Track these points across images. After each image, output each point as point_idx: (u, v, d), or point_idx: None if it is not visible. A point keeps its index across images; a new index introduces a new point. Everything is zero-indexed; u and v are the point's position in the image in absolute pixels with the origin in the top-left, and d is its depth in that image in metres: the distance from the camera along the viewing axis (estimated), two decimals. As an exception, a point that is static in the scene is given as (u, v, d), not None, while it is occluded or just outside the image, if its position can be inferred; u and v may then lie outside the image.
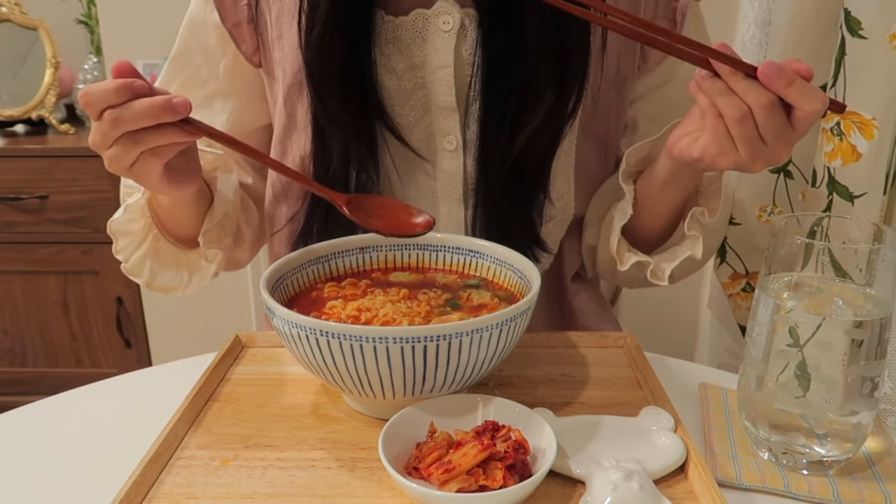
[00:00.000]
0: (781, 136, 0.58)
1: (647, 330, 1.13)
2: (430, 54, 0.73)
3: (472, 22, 0.73)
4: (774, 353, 0.55)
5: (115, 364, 1.92)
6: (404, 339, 0.51)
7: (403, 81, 0.75)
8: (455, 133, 0.76)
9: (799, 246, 0.55)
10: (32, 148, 1.79)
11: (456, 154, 0.76)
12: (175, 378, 0.68)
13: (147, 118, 0.56)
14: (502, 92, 0.72)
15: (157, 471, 0.54)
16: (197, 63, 0.81)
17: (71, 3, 1.92)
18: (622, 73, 0.78)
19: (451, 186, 0.78)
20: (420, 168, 0.78)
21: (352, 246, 0.71)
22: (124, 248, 0.79)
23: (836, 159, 0.71)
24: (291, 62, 0.76)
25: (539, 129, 0.72)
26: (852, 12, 0.67)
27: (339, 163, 0.75)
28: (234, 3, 0.77)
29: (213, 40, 0.79)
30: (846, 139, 0.70)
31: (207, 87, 0.81)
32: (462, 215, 0.79)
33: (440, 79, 0.74)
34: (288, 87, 0.77)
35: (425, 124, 0.76)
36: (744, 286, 0.90)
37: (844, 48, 0.69)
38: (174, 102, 0.56)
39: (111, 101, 0.56)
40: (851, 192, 0.71)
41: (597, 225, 0.83)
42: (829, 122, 0.71)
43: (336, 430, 0.60)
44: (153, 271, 0.80)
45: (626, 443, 0.56)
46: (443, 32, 0.73)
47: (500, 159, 0.73)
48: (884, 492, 0.54)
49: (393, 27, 0.73)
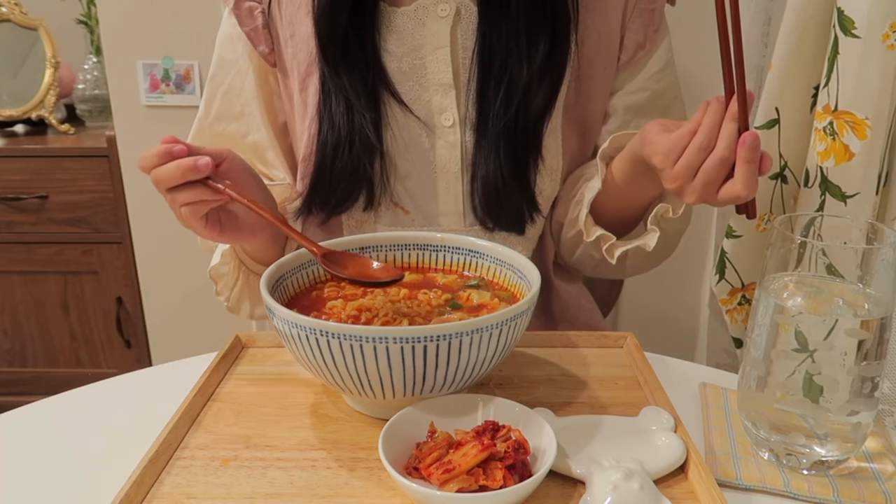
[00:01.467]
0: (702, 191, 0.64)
1: (647, 330, 1.13)
2: (427, 37, 0.80)
3: (467, 10, 0.80)
4: (778, 354, 0.55)
5: (115, 364, 1.92)
6: (404, 339, 0.51)
7: (403, 63, 0.81)
8: (452, 109, 0.81)
9: (796, 246, 0.55)
10: (32, 148, 1.79)
11: (453, 130, 0.81)
12: (175, 378, 0.69)
13: (175, 177, 0.64)
14: (496, 66, 0.78)
15: (157, 471, 0.54)
16: (231, 75, 0.87)
17: (71, 3, 1.92)
18: (603, 61, 0.83)
19: (450, 161, 0.82)
20: (419, 144, 0.82)
21: (352, 246, 0.71)
22: (223, 290, 0.87)
23: (828, 159, 0.71)
24: (305, 54, 0.82)
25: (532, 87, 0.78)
26: (845, 11, 0.67)
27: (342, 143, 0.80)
28: (251, 11, 0.85)
29: (241, 50, 0.86)
30: (839, 139, 0.70)
31: (243, 95, 0.87)
32: (460, 189, 0.83)
33: (438, 58, 0.80)
34: (303, 77, 0.83)
35: (423, 102, 0.81)
36: (739, 300, 0.90)
37: (837, 47, 0.68)
38: (198, 164, 0.64)
39: (154, 163, 0.65)
40: (844, 191, 0.70)
41: (567, 202, 0.87)
42: (821, 121, 0.71)
43: (336, 430, 0.60)
44: (252, 305, 0.88)
45: (626, 443, 0.56)
46: (440, 18, 0.80)
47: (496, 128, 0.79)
48: (884, 492, 0.55)
49: (395, 16, 0.80)
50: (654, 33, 0.84)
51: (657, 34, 0.84)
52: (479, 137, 0.81)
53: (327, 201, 0.82)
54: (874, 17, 0.66)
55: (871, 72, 0.67)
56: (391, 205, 0.84)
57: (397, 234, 0.72)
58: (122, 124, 1.64)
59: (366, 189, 0.82)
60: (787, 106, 0.78)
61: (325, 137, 0.81)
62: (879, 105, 0.67)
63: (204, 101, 0.90)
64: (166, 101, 1.62)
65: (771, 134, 0.79)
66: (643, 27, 0.83)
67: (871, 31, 0.66)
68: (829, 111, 0.70)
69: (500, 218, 0.82)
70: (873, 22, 0.66)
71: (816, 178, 0.73)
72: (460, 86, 0.81)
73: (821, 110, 0.71)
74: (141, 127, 1.64)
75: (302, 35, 0.82)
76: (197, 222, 0.68)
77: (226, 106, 0.88)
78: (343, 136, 0.80)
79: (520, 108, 0.79)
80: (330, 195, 0.82)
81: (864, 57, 0.67)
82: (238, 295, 0.87)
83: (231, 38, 0.87)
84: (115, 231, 1.77)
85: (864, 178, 0.70)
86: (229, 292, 0.86)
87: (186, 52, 1.60)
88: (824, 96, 0.71)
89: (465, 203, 0.83)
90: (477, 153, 0.81)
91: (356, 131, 0.80)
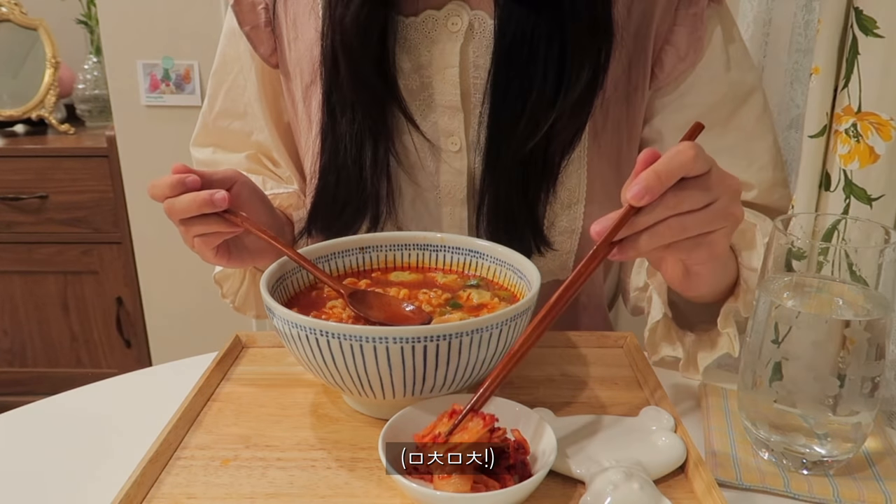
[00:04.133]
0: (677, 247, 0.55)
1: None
2: (436, 54, 0.74)
3: (481, 24, 0.73)
4: (773, 352, 0.55)
5: (115, 364, 1.92)
6: (404, 339, 0.51)
7: (410, 81, 0.76)
8: (459, 134, 0.76)
9: (797, 246, 0.55)
10: (32, 148, 1.79)
11: (460, 155, 0.76)
12: (175, 378, 0.69)
13: (191, 210, 0.63)
14: (513, 91, 0.71)
15: (157, 471, 0.54)
16: (234, 72, 0.85)
17: (71, 3, 1.92)
18: (633, 83, 0.76)
19: (455, 187, 0.78)
20: (424, 167, 0.78)
21: (352, 246, 0.71)
22: (228, 292, 0.85)
23: (852, 161, 0.70)
24: (308, 62, 0.78)
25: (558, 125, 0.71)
26: (864, 11, 0.66)
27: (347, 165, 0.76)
28: (252, 7, 0.81)
29: (242, 47, 0.83)
30: (863, 140, 0.69)
31: (246, 94, 0.85)
32: (465, 216, 0.79)
33: (445, 78, 0.74)
34: (306, 86, 0.80)
35: (430, 123, 0.76)
36: None
37: (857, 48, 0.68)
38: (214, 198, 0.63)
39: (167, 193, 0.64)
40: (869, 194, 0.69)
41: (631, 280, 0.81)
42: (843, 123, 0.70)
43: (336, 430, 0.60)
44: (258, 305, 0.87)
45: (626, 443, 0.56)
46: (450, 33, 0.74)
47: (509, 160, 0.73)
48: (884, 492, 0.54)
49: (403, 27, 0.74)
50: (697, 41, 0.74)
51: (700, 42, 0.74)
52: (489, 166, 0.74)
53: (330, 226, 0.79)
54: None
55: (895, 71, 0.66)
56: (395, 229, 0.79)
57: (397, 234, 0.72)
58: (122, 124, 1.65)
59: (371, 213, 0.77)
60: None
61: (328, 160, 0.77)
62: None
63: (208, 96, 0.88)
64: (166, 101, 1.62)
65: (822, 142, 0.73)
66: (686, 36, 0.74)
67: (894, 29, 0.65)
68: (852, 113, 0.69)
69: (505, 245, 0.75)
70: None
71: (840, 182, 0.71)
72: (469, 108, 0.75)
73: (841, 112, 0.70)
74: (141, 127, 1.64)
75: (306, 40, 0.78)
76: (208, 252, 0.68)
77: (229, 103, 0.86)
78: (350, 159, 0.76)
79: (541, 140, 0.72)
80: (333, 219, 0.78)
81: (888, 56, 0.66)
82: (245, 295, 0.85)
83: (234, 34, 0.83)
84: (115, 231, 1.77)
85: (889, 179, 0.69)
86: (235, 294, 0.85)
87: (186, 52, 1.60)
88: (844, 98, 0.70)
89: (469, 231, 0.79)
90: (485, 181, 0.75)
91: (363, 152, 0.76)
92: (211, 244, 0.67)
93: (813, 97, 0.72)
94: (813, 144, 0.73)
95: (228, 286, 0.85)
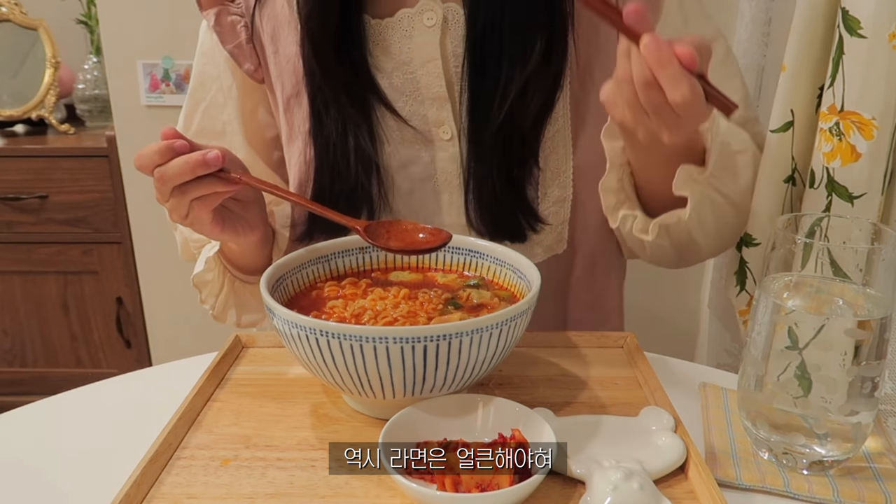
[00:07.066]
0: (660, 114, 0.58)
1: (647, 330, 1.13)
2: (415, 50, 0.77)
3: (454, 16, 0.76)
4: (774, 353, 0.55)
5: (115, 364, 1.92)
6: (404, 339, 0.51)
7: (394, 79, 0.78)
8: (449, 122, 0.78)
9: (798, 246, 0.55)
10: (32, 148, 1.79)
11: (452, 143, 0.79)
12: (175, 378, 0.69)
13: (185, 173, 0.62)
14: (488, 74, 0.74)
15: (157, 471, 0.54)
16: (213, 91, 0.86)
17: (71, 3, 1.92)
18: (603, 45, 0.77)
19: (451, 174, 0.80)
20: (419, 159, 0.80)
21: (352, 245, 0.71)
22: (207, 297, 0.84)
23: (835, 159, 0.71)
24: (289, 74, 0.80)
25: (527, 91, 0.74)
26: (850, 11, 0.67)
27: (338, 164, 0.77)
28: (233, 26, 0.82)
29: (222, 65, 0.84)
30: (845, 139, 0.70)
31: (226, 112, 0.86)
32: (462, 200, 0.80)
33: (429, 71, 0.77)
34: (287, 98, 0.81)
35: (420, 116, 0.79)
36: None
37: (843, 48, 0.68)
38: (208, 158, 0.62)
39: (156, 161, 0.63)
40: (851, 192, 0.70)
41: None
42: (827, 122, 0.71)
43: (336, 430, 0.60)
44: (238, 313, 0.86)
45: (626, 443, 0.56)
46: (427, 28, 0.76)
47: (491, 137, 0.76)
48: (884, 492, 0.54)
49: (379, 28, 0.77)
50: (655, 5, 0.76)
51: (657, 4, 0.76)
52: (474, 147, 0.77)
53: (330, 227, 0.77)
54: (880, 17, 0.65)
55: (877, 72, 0.67)
56: None
57: (397, 234, 0.72)
58: (122, 124, 1.64)
59: (366, 208, 0.79)
60: (799, 107, 0.77)
61: (320, 162, 0.78)
62: (885, 105, 0.67)
63: (183, 115, 0.88)
64: (166, 101, 1.62)
65: (786, 137, 0.77)
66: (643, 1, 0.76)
67: (877, 31, 0.66)
68: (835, 112, 0.70)
69: (497, 227, 0.79)
70: (879, 22, 0.65)
71: (822, 179, 0.72)
72: (455, 97, 0.78)
73: (826, 111, 0.71)
74: (141, 127, 1.64)
75: (286, 55, 0.80)
76: (207, 215, 0.67)
77: (207, 122, 0.86)
78: (339, 157, 0.78)
79: (514, 114, 0.75)
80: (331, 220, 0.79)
81: (870, 57, 0.67)
82: (224, 302, 0.84)
83: (212, 52, 0.84)
84: (115, 231, 1.77)
85: (871, 178, 0.70)
86: (214, 300, 0.84)
87: (186, 52, 1.59)
88: (829, 97, 0.71)
89: (466, 214, 0.80)
90: (474, 163, 0.78)
91: (352, 151, 0.77)
92: (210, 206, 0.66)
93: (780, 93, 0.76)
94: (774, 139, 0.77)
95: (207, 291, 0.84)
